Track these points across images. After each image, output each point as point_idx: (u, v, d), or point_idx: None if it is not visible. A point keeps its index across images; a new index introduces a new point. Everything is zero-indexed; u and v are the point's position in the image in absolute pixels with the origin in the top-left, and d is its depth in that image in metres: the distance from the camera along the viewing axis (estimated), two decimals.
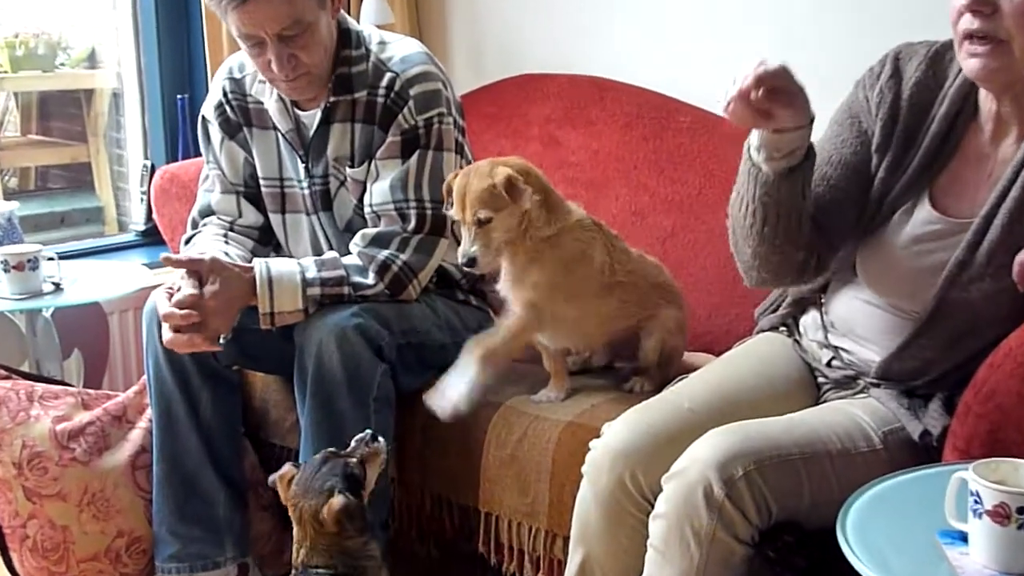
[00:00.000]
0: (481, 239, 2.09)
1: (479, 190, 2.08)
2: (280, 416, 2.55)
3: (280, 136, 2.41)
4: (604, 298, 2.22)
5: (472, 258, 2.08)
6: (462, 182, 2.11)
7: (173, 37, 3.33)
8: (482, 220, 2.08)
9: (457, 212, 2.10)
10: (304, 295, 2.20)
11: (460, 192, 2.10)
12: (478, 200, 2.08)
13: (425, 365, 2.36)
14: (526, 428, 2.19)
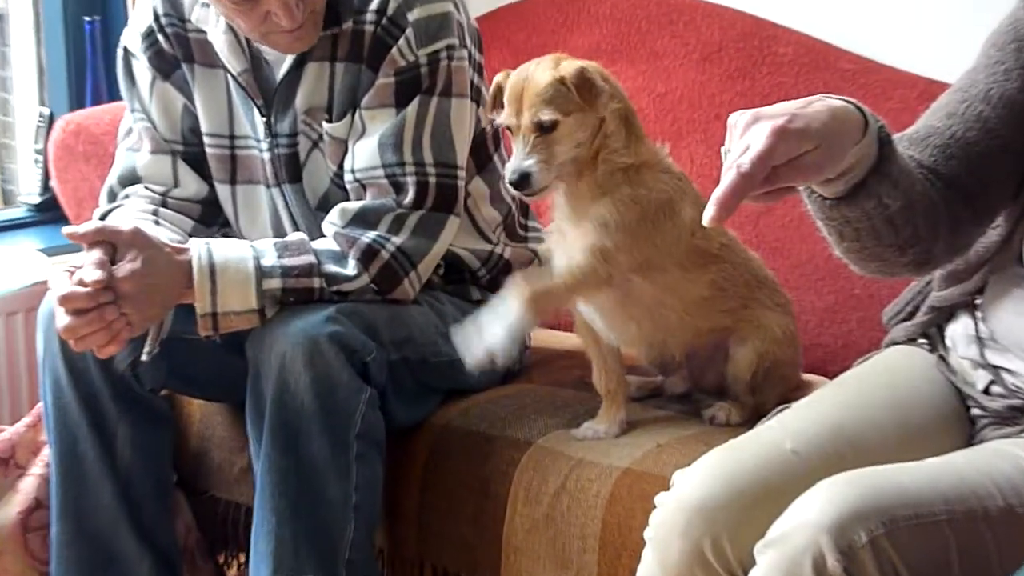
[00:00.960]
0: (540, 151, 2.10)
1: (543, 84, 2.10)
2: (225, 460, 2.57)
3: (231, 78, 2.43)
4: (692, 273, 2.24)
5: (525, 174, 2.08)
6: (519, 77, 2.13)
7: None
8: (545, 125, 2.10)
9: (509, 115, 2.11)
10: (259, 290, 2.22)
11: (516, 89, 2.12)
12: (541, 97, 2.09)
13: (427, 390, 2.40)
14: (566, 477, 2.20)
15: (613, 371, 2.31)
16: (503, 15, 3.14)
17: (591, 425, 2.29)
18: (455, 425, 2.38)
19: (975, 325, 1.99)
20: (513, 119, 2.11)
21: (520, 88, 2.11)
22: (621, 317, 2.26)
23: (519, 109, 2.10)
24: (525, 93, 2.10)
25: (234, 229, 2.53)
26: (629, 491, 2.13)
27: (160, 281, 2.19)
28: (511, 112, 2.11)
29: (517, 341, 2.12)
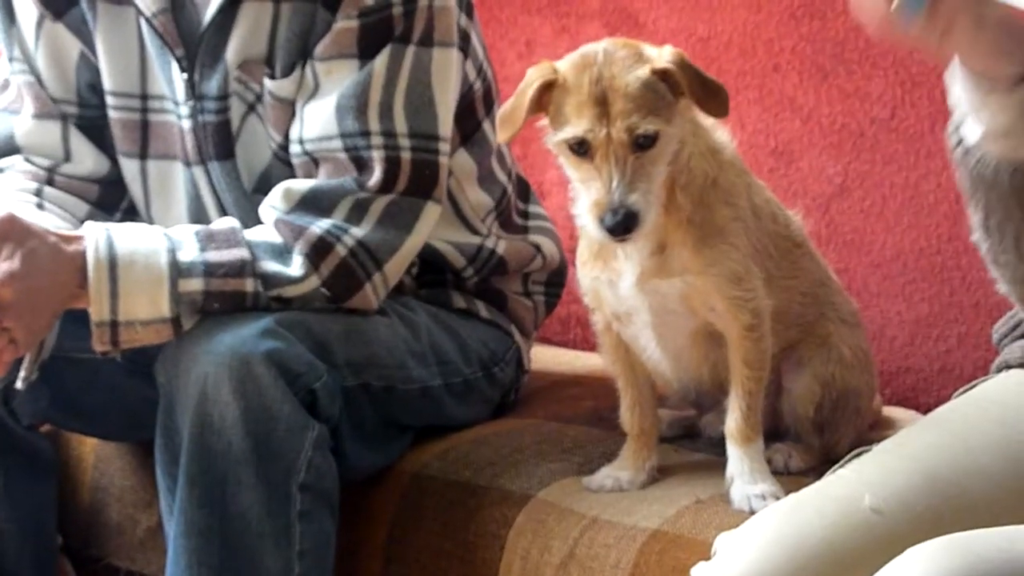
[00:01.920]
0: (641, 177, 2.06)
1: (637, 83, 2.07)
2: (127, 518, 2.58)
3: (144, 21, 2.43)
4: (785, 269, 2.28)
5: (632, 212, 2.04)
6: (593, 72, 2.07)
7: None
8: (646, 139, 2.06)
9: (587, 127, 2.05)
10: (174, 293, 2.22)
11: (594, 90, 2.06)
12: (637, 102, 2.05)
13: (394, 425, 2.41)
14: (576, 541, 2.20)
15: (648, 404, 2.32)
16: None
17: (610, 472, 2.30)
18: (430, 473, 2.39)
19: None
20: (594, 132, 2.05)
21: (602, 89, 2.06)
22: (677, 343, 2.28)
23: (604, 118, 2.05)
24: (611, 95, 2.06)
25: (143, 216, 2.53)
26: (659, 560, 2.13)
27: (46, 282, 2.18)
28: (590, 122, 2.05)
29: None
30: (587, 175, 2.06)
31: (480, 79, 2.49)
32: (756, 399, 2.21)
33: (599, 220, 2.04)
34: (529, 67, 2.13)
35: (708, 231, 2.16)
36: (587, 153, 2.05)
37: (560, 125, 2.07)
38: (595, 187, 2.05)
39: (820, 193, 2.69)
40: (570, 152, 2.07)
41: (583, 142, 2.05)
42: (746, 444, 2.21)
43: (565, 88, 2.07)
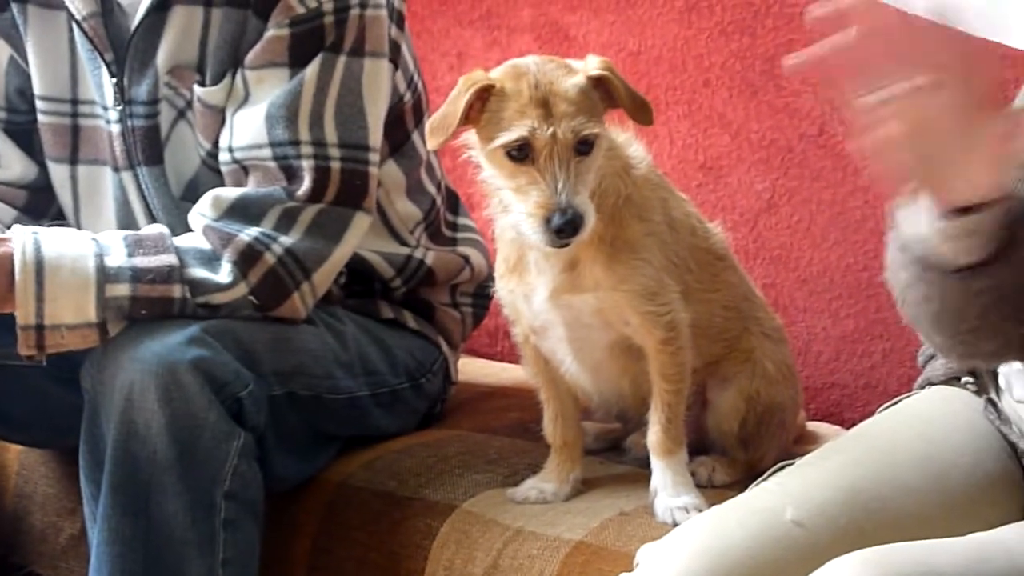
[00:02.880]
0: (582, 180, 2.07)
1: (577, 87, 2.08)
2: (50, 526, 2.57)
3: (75, 25, 2.42)
4: (706, 282, 2.29)
5: (574, 217, 2.03)
6: (532, 75, 2.08)
7: None
8: (586, 144, 2.07)
9: (530, 128, 2.05)
10: (100, 298, 2.21)
11: (538, 90, 2.07)
12: (578, 105, 2.07)
13: (320, 435, 2.41)
14: (499, 552, 2.20)
15: (570, 416, 2.33)
16: None
17: (535, 484, 2.30)
18: (356, 483, 2.38)
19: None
20: (538, 133, 2.04)
21: (543, 93, 2.07)
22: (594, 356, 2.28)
23: (548, 119, 2.05)
24: (553, 98, 2.06)
25: (71, 222, 2.52)
26: (583, 572, 2.13)
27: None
28: (535, 122, 2.05)
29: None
30: (526, 180, 2.05)
31: (410, 91, 2.49)
32: (677, 411, 2.22)
33: (544, 222, 2.02)
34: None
35: (620, 247, 2.18)
36: (527, 158, 2.05)
37: (497, 131, 2.06)
38: (537, 191, 2.03)
39: (748, 208, 2.71)
40: (506, 159, 2.06)
41: (524, 145, 2.04)
42: (668, 456, 2.22)
43: (502, 95, 2.07)
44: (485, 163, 2.13)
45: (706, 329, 2.28)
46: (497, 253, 2.29)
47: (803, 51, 1.48)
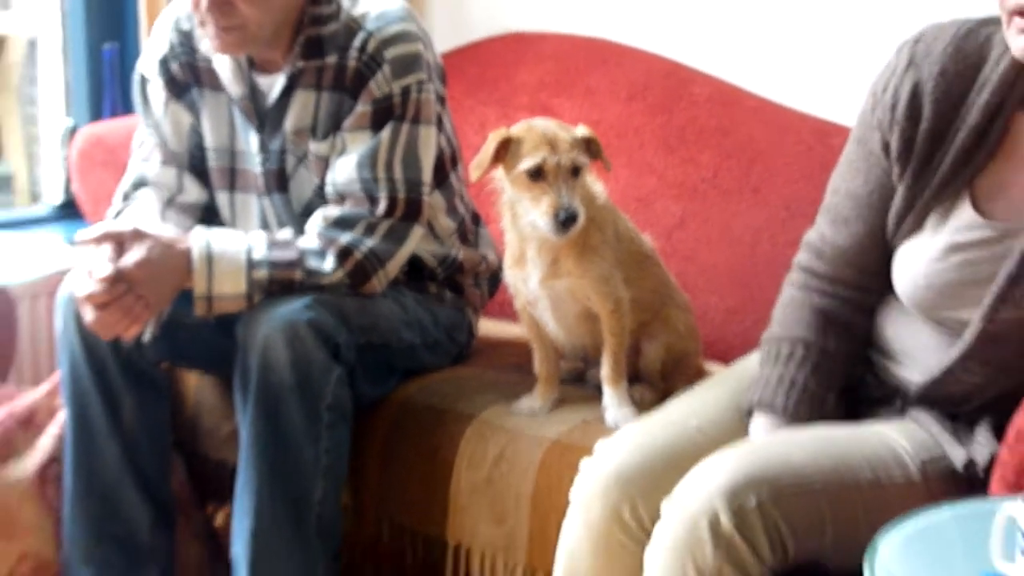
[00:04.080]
0: (575, 193, 2.09)
1: (577, 136, 2.12)
2: (215, 425, 2.55)
3: (232, 102, 2.41)
4: (635, 276, 2.27)
5: (574, 213, 2.07)
6: (541, 128, 2.11)
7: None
8: (578, 169, 2.10)
9: (541, 158, 2.07)
10: (249, 278, 2.20)
11: (546, 136, 2.09)
12: (574, 145, 2.10)
13: (388, 370, 2.38)
14: (504, 446, 2.20)
15: (551, 359, 2.31)
16: (463, 52, 3.14)
17: (528, 401, 2.29)
18: (412, 401, 2.36)
19: None
20: (547, 160, 2.07)
21: (552, 135, 2.09)
22: (568, 320, 2.27)
23: (554, 151, 2.07)
24: (559, 140, 2.09)
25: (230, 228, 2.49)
26: (558, 459, 2.13)
27: (165, 265, 2.17)
28: (543, 154, 2.07)
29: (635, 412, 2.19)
30: (540, 192, 2.08)
31: (449, 147, 2.47)
32: (620, 356, 2.21)
33: (554, 218, 2.06)
34: (482, 140, 2.15)
35: (585, 249, 2.18)
36: (540, 177, 2.07)
37: (518, 161, 2.09)
38: (547, 198, 2.07)
39: (666, 225, 2.69)
40: (526, 179, 2.09)
41: (539, 169, 2.07)
42: (615, 385, 2.21)
43: (519, 141, 2.10)
44: (508, 186, 2.15)
45: (639, 303, 2.27)
46: (505, 252, 2.28)
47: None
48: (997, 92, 1.75)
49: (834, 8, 2.73)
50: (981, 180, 1.79)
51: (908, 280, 1.83)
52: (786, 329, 1.95)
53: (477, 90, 3.03)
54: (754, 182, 2.64)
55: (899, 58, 1.84)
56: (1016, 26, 1.64)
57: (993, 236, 1.76)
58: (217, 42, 2.26)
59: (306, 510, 2.20)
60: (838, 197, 1.92)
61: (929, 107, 1.79)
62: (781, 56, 2.81)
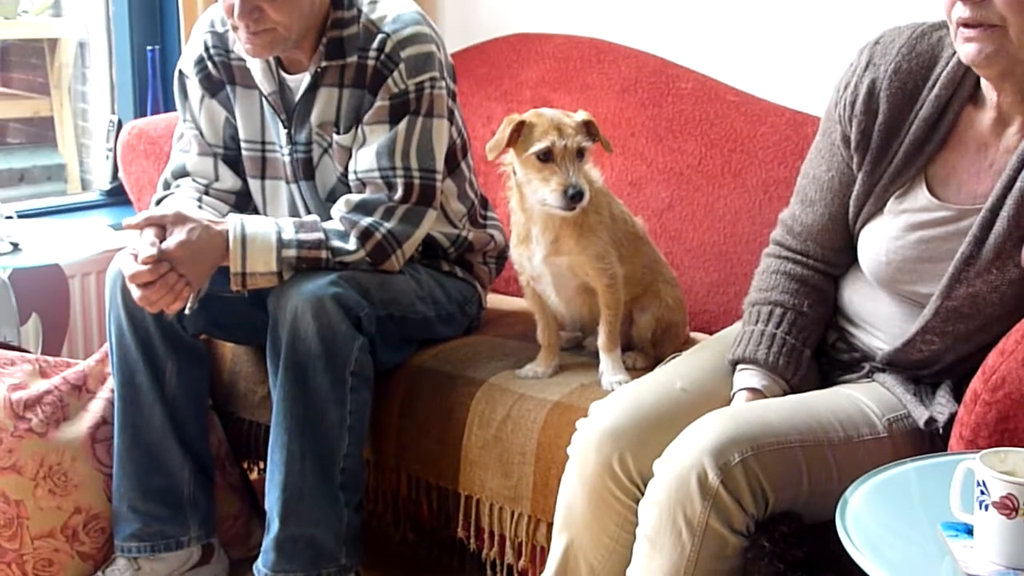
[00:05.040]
0: (582, 171, 2.09)
1: (580, 120, 2.10)
2: (249, 389, 2.55)
3: (263, 97, 2.39)
4: (630, 254, 2.26)
5: (581, 191, 2.06)
6: (549, 115, 2.10)
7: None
8: (583, 151, 2.09)
9: (549, 141, 2.06)
10: (279, 257, 2.19)
11: (553, 122, 2.08)
12: (579, 130, 2.09)
13: (406, 339, 2.37)
14: (510, 407, 2.19)
15: (552, 329, 2.31)
16: (471, 52, 3.12)
17: (531, 367, 2.28)
18: (427, 367, 2.36)
19: None
20: (555, 143, 2.06)
21: (558, 121, 2.08)
22: (568, 293, 2.26)
23: (560, 135, 2.06)
24: (565, 125, 2.08)
25: (261, 213, 2.48)
26: (558, 419, 2.12)
27: (203, 246, 2.16)
28: (552, 138, 2.06)
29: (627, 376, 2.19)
30: (550, 172, 2.07)
31: (459, 137, 2.46)
32: (615, 326, 2.21)
33: (563, 194, 2.05)
34: (489, 131, 2.14)
35: (584, 229, 2.17)
36: (549, 159, 2.07)
37: (530, 145, 2.08)
38: (556, 178, 2.06)
39: (656, 208, 2.68)
40: (536, 161, 2.08)
41: (548, 151, 2.06)
42: (610, 352, 2.21)
43: (531, 126, 2.09)
44: (519, 168, 2.15)
45: (631, 278, 2.26)
46: (511, 231, 2.27)
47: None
48: (947, 87, 1.78)
49: (807, 10, 2.71)
50: (933, 167, 1.80)
51: (871, 257, 1.84)
52: (764, 294, 1.96)
53: (484, 86, 3.01)
54: (735, 168, 2.62)
55: (860, 58, 1.87)
56: (961, 35, 1.67)
57: (948, 216, 1.77)
58: (249, 46, 2.25)
59: (332, 465, 2.20)
60: (806, 180, 1.95)
61: (885, 102, 1.81)
62: (759, 53, 2.80)
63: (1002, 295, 1.72)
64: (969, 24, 1.65)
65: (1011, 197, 1.69)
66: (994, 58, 1.66)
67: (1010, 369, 1.59)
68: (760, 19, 2.79)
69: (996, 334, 1.69)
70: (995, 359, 1.63)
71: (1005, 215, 1.70)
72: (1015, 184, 1.69)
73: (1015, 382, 1.58)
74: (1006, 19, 1.63)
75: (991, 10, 1.63)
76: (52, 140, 3.81)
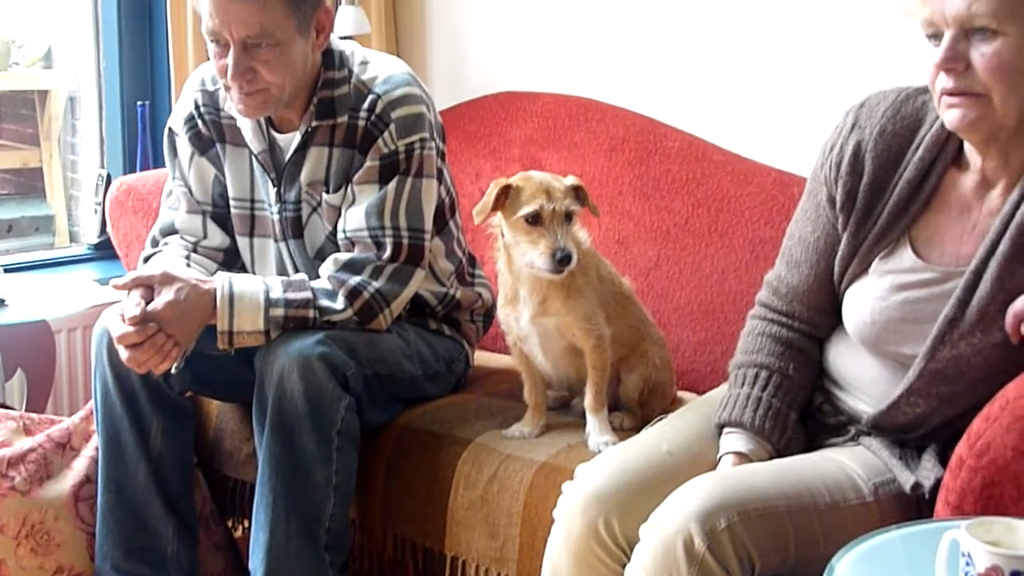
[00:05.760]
0: (570, 234, 2.10)
1: (568, 184, 2.11)
2: (235, 447, 2.54)
3: (252, 156, 2.40)
4: (616, 315, 2.26)
5: (569, 254, 2.07)
6: (538, 178, 2.11)
7: (135, 40, 3.32)
8: (571, 215, 2.10)
9: (537, 204, 2.07)
10: (266, 316, 2.20)
11: (542, 185, 2.09)
12: (567, 194, 2.10)
13: (393, 398, 2.37)
14: (497, 468, 2.19)
15: (540, 388, 2.31)
16: (461, 109, 3.14)
17: (518, 427, 2.28)
18: (414, 426, 2.35)
19: None
20: (544, 206, 2.07)
21: (546, 184, 2.09)
22: (555, 354, 2.26)
23: (549, 199, 2.07)
24: (553, 188, 2.09)
25: (250, 271, 2.48)
26: (545, 480, 2.12)
27: (191, 306, 2.17)
28: (541, 201, 2.07)
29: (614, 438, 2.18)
30: (538, 235, 2.08)
31: (448, 196, 2.47)
32: (602, 387, 2.21)
33: (551, 257, 2.06)
34: (477, 189, 2.16)
35: (571, 290, 2.17)
36: (538, 222, 2.07)
37: (518, 208, 2.09)
38: (544, 241, 2.07)
39: (643, 267, 2.69)
40: (525, 224, 2.09)
41: (537, 214, 2.07)
42: (597, 413, 2.21)
43: (519, 189, 2.10)
44: (507, 230, 2.15)
45: (619, 339, 2.26)
46: (499, 292, 2.28)
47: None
48: (931, 150, 1.80)
49: (793, 72, 2.74)
50: (918, 229, 1.82)
51: (856, 318, 1.85)
52: (750, 356, 1.97)
53: (473, 143, 3.03)
54: (721, 227, 2.64)
55: (845, 120, 1.89)
56: (945, 103, 1.70)
57: (932, 278, 1.79)
58: (241, 106, 2.26)
59: (317, 525, 2.19)
60: (792, 242, 1.96)
61: (870, 163, 1.83)
62: (745, 113, 2.82)
63: (986, 357, 1.73)
64: (952, 93, 1.68)
65: (994, 260, 1.71)
66: (978, 124, 1.68)
67: (995, 435, 1.60)
68: (746, 80, 2.82)
69: (981, 397, 1.70)
70: (980, 425, 1.64)
71: (989, 278, 1.71)
72: (998, 247, 1.71)
73: (1000, 448, 1.58)
74: (989, 88, 1.65)
75: (974, 79, 1.65)
76: (41, 191, 3.82)
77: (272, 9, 2.17)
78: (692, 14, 2.89)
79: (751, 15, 2.80)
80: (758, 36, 2.80)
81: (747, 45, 2.82)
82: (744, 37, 2.82)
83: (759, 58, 2.80)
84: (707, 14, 2.86)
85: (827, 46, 2.69)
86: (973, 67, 1.65)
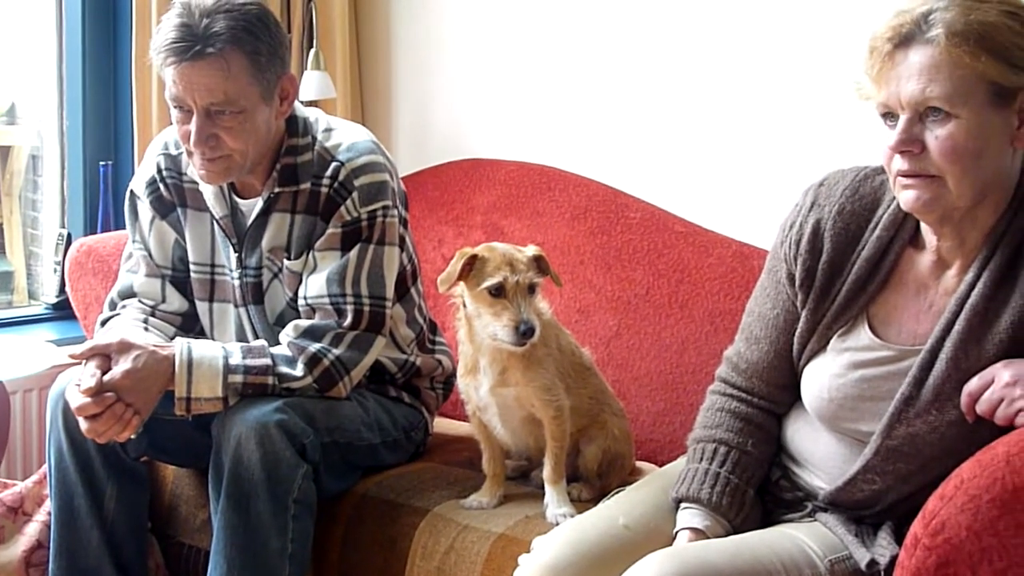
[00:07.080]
0: (533, 306, 2.10)
1: (531, 256, 2.13)
2: (190, 513, 2.52)
3: (214, 220, 2.41)
4: (577, 386, 2.27)
5: (532, 327, 2.08)
6: (501, 250, 2.12)
7: (99, 99, 3.32)
8: (534, 287, 2.11)
9: (501, 277, 2.08)
10: (225, 382, 2.19)
11: (506, 257, 2.10)
12: (530, 266, 2.11)
13: (351, 466, 2.36)
14: (454, 539, 2.18)
15: (498, 459, 2.31)
16: (424, 175, 3.16)
17: (476, 497, 2.28)
18: (371, 495, 2.34)
19: None
20: (508, 279, 2.08)
21: (510, 256, 2.11)
22: (514, 424, 2.27)
23: (513, 271, 2.08)
24: (517, 260, 2.10)
25: (208, 336, 2.48)
26: (502, 552, 2.11)
27: (149, 373, 2.16)
28: (505, 273, 2.08)
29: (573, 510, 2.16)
30: (501, 307, 2.08)
31: (410, 264, 2.48)
32: (561, 458, 2.21)
33: (515, 330, 2.06)
34: (440, 255, 2.17)
35: (531, 361, 2.18)
36: (500, 294, 2.08)
37: (482, 280, 2.09)
38: (507, 314, 2.08)
39: (604, 336, 2.71)
40: (488, 295, 2.09)
41: (500, 287, 2.07)
42: (555, 484, 2.20)
43: (483, 260, 2.11)
44: (469, 301, 2.15)
45: (578, 410, 2.27)
46: (459, 362, 2.28)
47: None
48: (888, 229, 1.83)
49: (754, 145, 2.78)
50: (875, 307, 1.85)
51: (815, 394, 1.87)
52: (708, 431, 1.97)
53: (436, 209, 3.04)
54: (682, 298, 2.66)
55: (805, 199, 1.91)
56: (900, 184, 1.73)
57: (889, 356, 1.81)
58: (204, 172, 2.27)
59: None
60: (752, 318, 1.98)
61: (829, 242, 1.86)
62: (707, 185, 2.86)
63: (941, 436, 1.75)
64: (908, 175, 1.71)
65: (950, 340, 1.73)
66: (932, 205, 1.71)
67: (950, 515, 1.61)
68: (709, 152, 2.86)
69: (936, 475, 1.71)
70: (935, 504, 1.64)
71: (944, 357, 1.73)
72: (954, 327, 1.73)
73: (954, 528, 1.59)
74: (944, 170, 1.68)
75: (928, 162, 1.69)
76: (0, 247, 3.80)
77: (236, 77, 2.18)
78: (657, 86, 2.93)
79: (715, 90, 2.84)
80: (721, 110, 2.84)
81: (710, 118, 2.86)
82: (708, 110, 2.86)
83: (721, 131, 2.84)
84: (672, 87, 2.91)
85: (788, 122, 2.74)
86: (928, 149, 1.68)
